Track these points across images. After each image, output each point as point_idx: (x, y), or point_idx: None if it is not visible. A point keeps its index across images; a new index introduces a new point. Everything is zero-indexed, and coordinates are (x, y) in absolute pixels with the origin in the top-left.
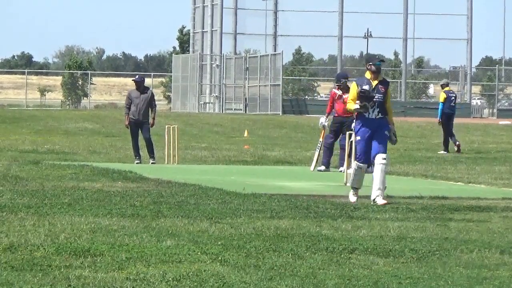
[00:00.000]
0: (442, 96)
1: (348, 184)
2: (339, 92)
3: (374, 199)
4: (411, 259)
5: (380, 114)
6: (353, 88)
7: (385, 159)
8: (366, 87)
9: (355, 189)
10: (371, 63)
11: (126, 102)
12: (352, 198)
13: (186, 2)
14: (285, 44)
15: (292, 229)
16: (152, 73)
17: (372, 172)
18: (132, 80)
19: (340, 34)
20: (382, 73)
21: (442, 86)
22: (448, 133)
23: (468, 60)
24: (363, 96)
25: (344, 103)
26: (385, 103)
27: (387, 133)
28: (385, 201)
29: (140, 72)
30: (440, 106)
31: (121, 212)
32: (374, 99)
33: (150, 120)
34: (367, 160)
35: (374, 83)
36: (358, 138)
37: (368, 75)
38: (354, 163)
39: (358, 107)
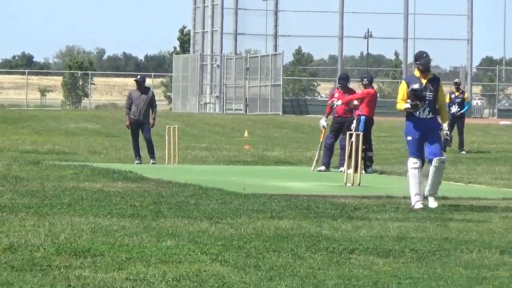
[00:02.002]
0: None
1: (410, 193)
2: (331, 103)
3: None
4: (411, 259)
5: (431, 113)
6: (403, 87)
7: (443, 162)
8: (416, 85)
9: (418, 195)
10: (418, 62)
11: (126, 102)
12: (418, 206)
13: (186, 2)
14: (286, 44)
15: (292, 229)
16: (152, 73)
17: (371, 172)
18: (134, 80)
19: (340, 34)
20: (431, 71)
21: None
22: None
23: (469, 60)
24: (414, 95)
25: (343, 104)
26: (436, 102)
27: (440, 134)
28: (436, 204)
29: (141, 72)
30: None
31: (121, 212)
32: (425, 98)
33: (151, 121)
34: (420, 157)
35: (424, 81)
36: (410, 138)
37: (417, 73)
38: (408, 163)
39: (409, 106)
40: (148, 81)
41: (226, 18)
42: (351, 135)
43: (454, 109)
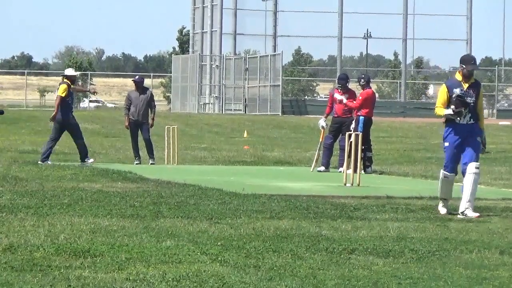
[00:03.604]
0: None
1: (438, 196)
2: (339, 97)
3: (463, 211)
4: (410, 259)
5: (472, 119)
6: (443, 91)
7: (478, 168)
8: (457, 90)
9: (444, 200)
10: (464, 66)
11: (125, 103)
12: (442, 210)
13: (186, 2)
14: (285, 45)
15: (291, 229)
16: (151, 74)
17: (370, 172)
18: (132, 80)
19: (339, 34)
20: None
21: None
22: None
23: None
24: (461, 101)
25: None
26: (476, 107)
27: (479, 140)
28: (477, 214)
29: (140, 72)
30: None
31: (121, 212)
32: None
33: (150, 121)
34: (453, 169)
35: (465, 86)
36: (447, 144)
37: (458, 76)
38: (441, 172)
39: (452, 113)
40: (148, 82)
41: (225, 19)
42: (350, 135)
43: None
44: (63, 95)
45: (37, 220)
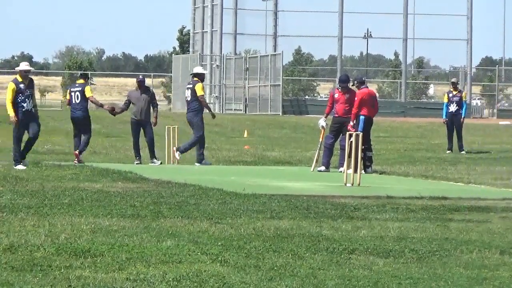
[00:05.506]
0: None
1: None
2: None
3: None
4: (411, 259)
5: None
6: None
7: None
8: None
9: None
10: None
11: (126, 100)
12: None
13: (186, 2)
14: (285, 45)
15: (292, 229)
16: (152, 74)
17: (371, 172)
18: (137, 80)
19: (340, 34)
20: None
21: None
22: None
23: (468, 60)
24: None
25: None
26: None
27: None
28: None
29: (140, 72)
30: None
31: (121, 212)
32: None
33: (153, 119)
34: None
35: None
36: None
37: None
38: None
39: None
40: (148, 81)
41: (226, 18)
42: (350, 135)
43: (453, 107)
44: (203, 93)
45: (37, 220)
